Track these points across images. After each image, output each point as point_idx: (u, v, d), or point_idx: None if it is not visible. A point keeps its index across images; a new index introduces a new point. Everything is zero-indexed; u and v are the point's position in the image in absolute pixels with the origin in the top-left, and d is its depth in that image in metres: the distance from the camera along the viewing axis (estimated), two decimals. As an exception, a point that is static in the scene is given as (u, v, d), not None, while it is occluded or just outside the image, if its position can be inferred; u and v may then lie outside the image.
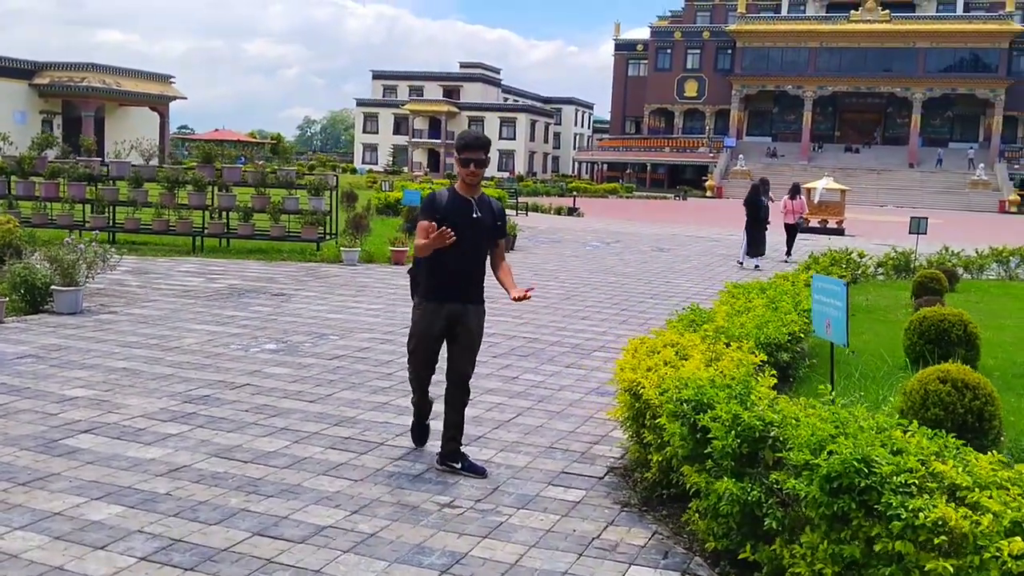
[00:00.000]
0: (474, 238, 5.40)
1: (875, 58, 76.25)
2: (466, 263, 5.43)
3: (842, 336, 4.78)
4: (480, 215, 5.44)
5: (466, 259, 5.41)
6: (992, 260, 18.14)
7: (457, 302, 5.46)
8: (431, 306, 5.48)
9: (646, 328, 10.75)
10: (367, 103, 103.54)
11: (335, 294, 12.50)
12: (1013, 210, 62.12)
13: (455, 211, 5.37)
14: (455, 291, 5.46)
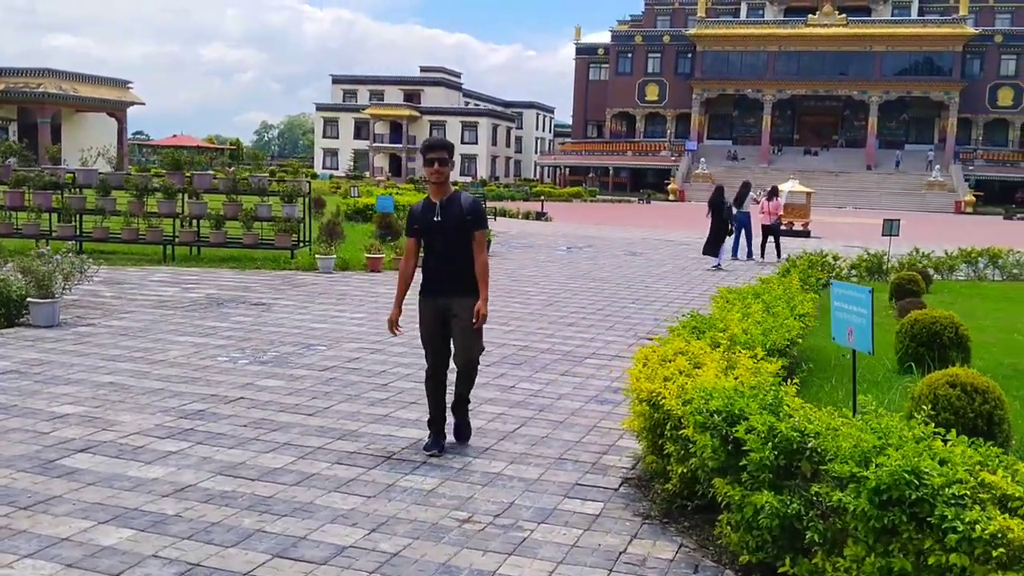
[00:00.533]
0: (443, 239, 5.86)
1: (832, 62, 77.30)
2: (444, 261, 5.89)
3: (867, 343, 4.75)
4: (441, 218, 5.85)
5: (442, 258, 5.89)
6: (961, 261, 18.39)
7: (444, 296, 5.96)
8: (424, 301, 6.13)
9: (634, 334, 10.74)
10: (327, 108, 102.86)
11: (315, 303, 12.32)
12: (969, 210, 63.28)
13: (423, 218, 5.94)
14: (441, 287, 5.96)
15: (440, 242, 5.87)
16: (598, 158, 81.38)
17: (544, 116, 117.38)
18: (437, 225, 5.85)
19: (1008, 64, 76.73)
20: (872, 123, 76.57)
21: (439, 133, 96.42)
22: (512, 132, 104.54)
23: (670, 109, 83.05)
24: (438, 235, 5.86)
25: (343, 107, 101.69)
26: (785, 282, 10.35)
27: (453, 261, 5.89)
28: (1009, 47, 76.44)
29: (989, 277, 18.54)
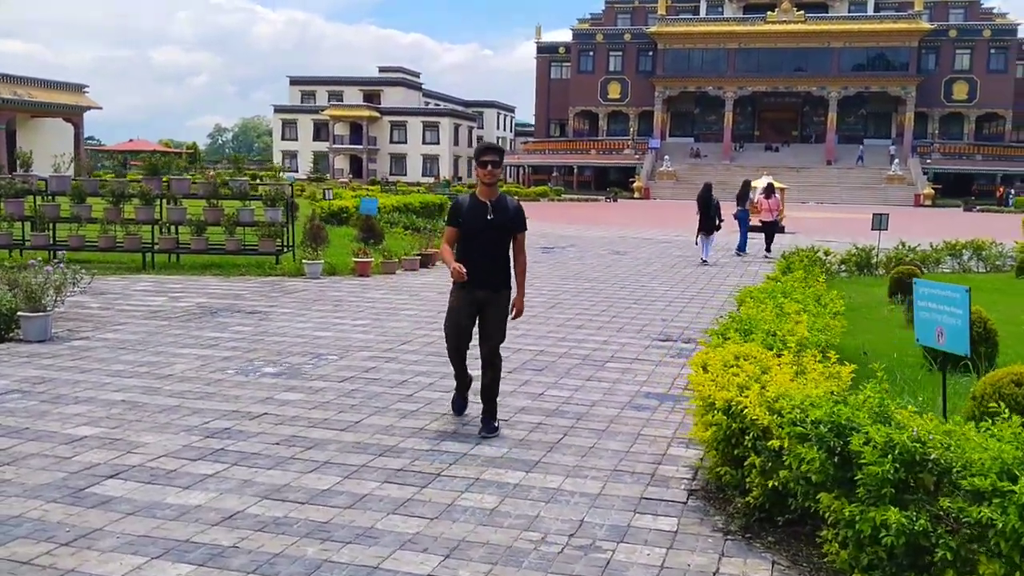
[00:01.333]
0: (490, 236, 6.30)
1: (792, 58, 77.94)
2: (487, 257, 6.29)
3: (963, 344, 4.56)
4: (493, 216, 6.30)
5: (486, 253, 6.29)
6: (947, 254, 18.44)
7: (482, 289, 6.34)
8: (461, 292, 6.41)
9: (646, 335, 10.53)
10: (285, 109, 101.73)
11: (312, 310, 11.94)
12: (928, 203, 64.17)
13: (473, 214, 6.32)
14: (480, 280, 6.29)
15: (486, 239, 6.29)
16: (562, 157, 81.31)
17: (505, 115, 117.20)
18: (489, 224, 6.28)
19: (962, 59, 77.95)
20: (831, 118, 77.34)
21: (400, 133, 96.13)
22: (474, 132, 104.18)
23: (633, 107, 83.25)
24: (486, 233, 6.28)
25: (302, 108, 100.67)
26: (809, 279, 10.17)
27: (495, 258, 6.33)
28: (963, 42, 77.68)
29: (974, 269, 18.61)
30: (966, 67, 77.72)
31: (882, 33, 76.04)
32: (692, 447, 6.15)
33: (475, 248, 6.29)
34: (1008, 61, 77.36)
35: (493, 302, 6.39)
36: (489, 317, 6.43)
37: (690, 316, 12.13)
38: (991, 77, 77.11)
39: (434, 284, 14.95)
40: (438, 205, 32.73)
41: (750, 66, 78.64)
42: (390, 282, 15.19)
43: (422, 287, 14.56)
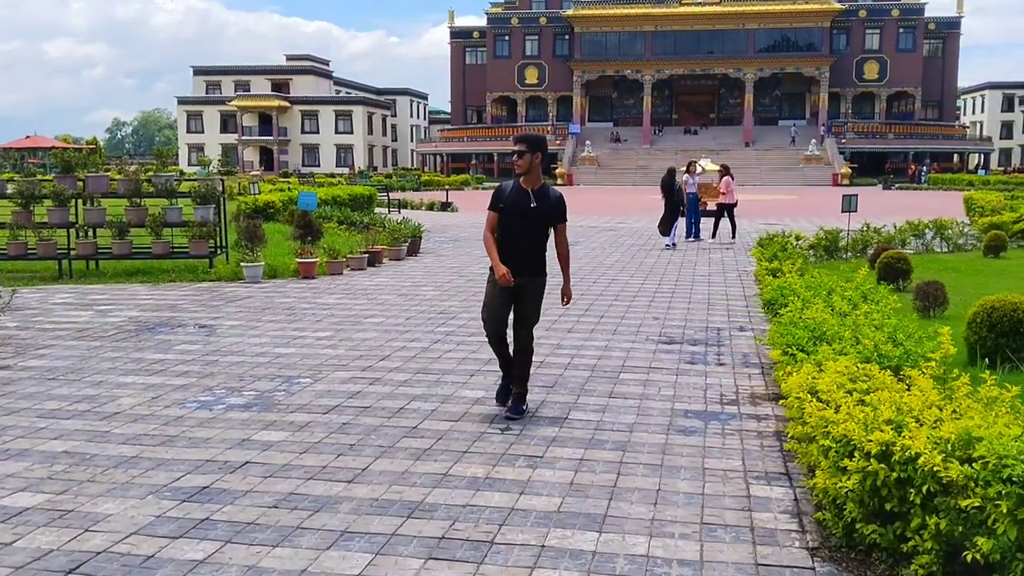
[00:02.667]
0: (530, 224, 6.39)
1: (708, 40, 78.29)
2: (525, 244, 6.40)
3: None
4: (536, 204, 6.40)
5: (524, 241, 6.40)
6: (911, 234, 17.99)
7: (520, 275, 6.37)
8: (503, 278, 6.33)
9: (645, 337, 9.56)
10: (190, 101, 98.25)
11: (264, 321, 10.62)
12: (846, 182, 64.97)
13: (515, 201, 6.41)
14: (519, 265, 6.37)
15: (526, 227, 6.38)
16: (480, 144, 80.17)
17: (418, 103, 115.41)
18: (532, 211, 6.37)
19: (872, 38, 79.44)
20: (748, 100, 77.96)
21: (312, 123, 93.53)
22: (388, 120, 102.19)
23: (551, 92, 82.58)
24: (527, 220, 6.37)
25: (207, 100, 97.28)
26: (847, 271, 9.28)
27: (533, 244, 6.41)
28: (873, 22, 79.13)
29: (936, 249, 18.22)
30: (876, 47, 79.25)
31: (795, 14, 76.87)
32: (775, 483, 5.17)
33: (515, 234, 6.37)
34: (916, 40, 79.14)
35: (530, 287, 6.47)
36: (527, 301, 6.52)
37: (681, 313, 11.19)
38: (900, 56, 78.78)
39: (389, 286, 13.71)
40: (367, 197, 31.31)
41: (667, 49, 78.68)
42: (340, 284, 13.90)
43: (378, 290, 13.32)
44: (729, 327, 10.17)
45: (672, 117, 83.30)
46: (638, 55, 79.01)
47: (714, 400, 7.07)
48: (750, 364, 8.33)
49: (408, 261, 17.22)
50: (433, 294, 12.78)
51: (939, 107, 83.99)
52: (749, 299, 12.33)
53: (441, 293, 12.88)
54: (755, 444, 5.92)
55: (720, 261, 17.08)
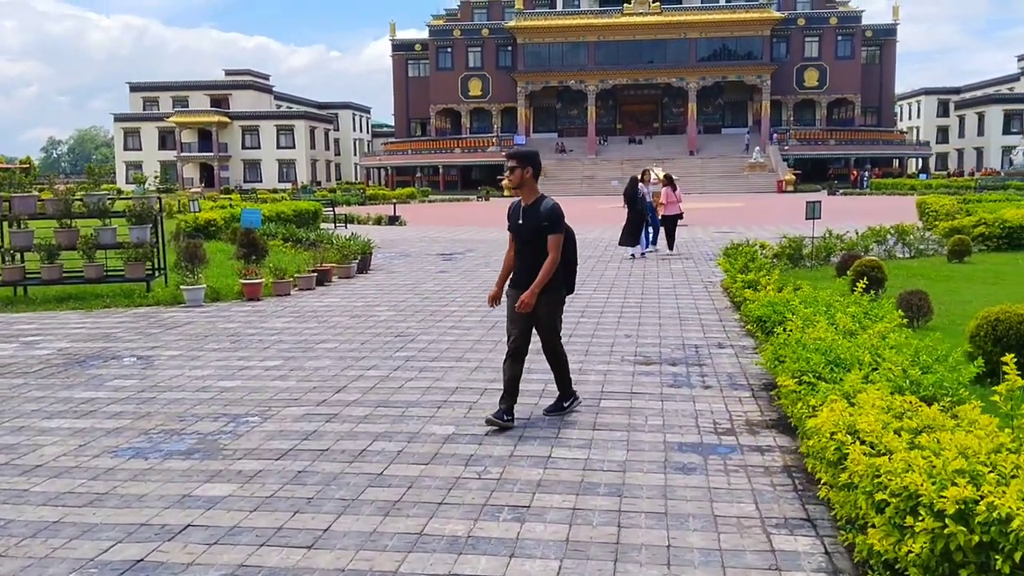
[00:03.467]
0: (524, 240, 6.53)
1: (650, 50, 78.52)
2: (523, 260, 6.57)
3: None
4: (523, 221, 6.52)
5: (522, 257, 6.58)
6: (873, 240, 17.68)
7: (522, 289, 6.50)
8: (508, 291, 6.71)
9: (619, 357, 8.94)
10: (126, 118, 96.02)
11: (207, 350, 9.77)
12: (790, 189, 65.45)
13: (510, 217, 6.67)
14: (520, 280, 6.57)
15: (521, 241, 6.55)
16: (425, 157, 79.34)
17: (361, 116, 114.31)
18: (521, 227, 6.52)
19: (812, 46, 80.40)
20: (692, 109, 78.29)
21: (253, 138, 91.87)
22: (330, 135, 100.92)
23: (495, 103, 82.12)
24: (521, 236, 6.54)
25: (144, 116, 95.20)
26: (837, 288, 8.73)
27: (529, 259, 6.50)
28: (812, 30, 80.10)
29: (898, 255, 17.93)
30: (816, 55, 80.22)
31: (736, 23, 77.45)
32: (798, 533, 4.54)
33: (518, 251, 6.60)
34: (854, 47, 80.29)
35: (536, 306, 6.47)
36: (537, 320, 6.61)
37: (653, 329, 10.58)
38: (839, 63, 79.84)
39: (341, 306, 12.92)
40: (312, 213, 30.37)
41: (610, 59, 78.73)
42: (288, 306, 13.07)
43: (328, 311, 12.51)
44: (707, 344, 9.59)
45: (617, 127, 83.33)
46: (581, 65, 78.91)
47: (708, 429, 6.45)
48: (738, 386, 7.73)
49: (359, 279, 16.43)
50: (388, 315, 12.02)
51: (878, 113, 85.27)
52: (721, 312, 11.79)
53: (396, 313, 12.13)
54: (765, 483, 5.30)
55: (683, 272, 16.57)
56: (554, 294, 6.56)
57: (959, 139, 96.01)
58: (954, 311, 10.92)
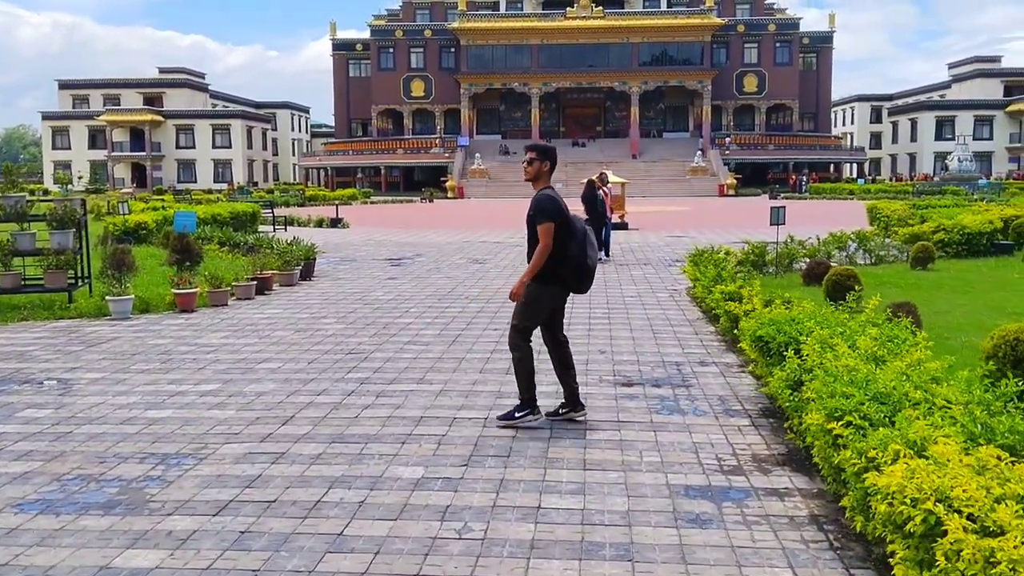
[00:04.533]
0: (529, 231, 6.49)
1: (593, 54, 78.25)
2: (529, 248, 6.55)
3: None
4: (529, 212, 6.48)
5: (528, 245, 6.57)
6: (834, 247, 17.21)
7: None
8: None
9: (596, 377, 8.17)
10: (54, 116, 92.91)
11: (133, 372, 8.72)
12: (731, 193, 65.71)
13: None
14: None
15: (529, 233, 6.51)
16: (367, 158, 77.98)
17: (299, 116, 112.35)
18: (527, 218, 6.48)
19: (751, 52, 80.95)
20: (634, 113, 78.23)
21: (187, 137, 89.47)
22: (268, 134, 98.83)
23: (438, 105, 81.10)
24: (529, 227, 6.49)
25: (74, 114, 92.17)
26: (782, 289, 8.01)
27: (530, 249, 6.50)
28: (751, 36, 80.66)
29: (859, 261, 17.48)
30: (755, 60, 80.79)
31: (677, 28, 77.58)
32: (854, 609, 3.78)
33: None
34: (792, 54, 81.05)
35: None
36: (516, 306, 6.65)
37: (627, 344, 9.81)
38: (778, 70, 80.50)
39: (284, 318, 11.92)
40: (250, 215, 29.14)
41: (553, 62, 78.27)
42: (225, 318, 12.02)
43: (270, 324, 11.50)
44: (688, 361, 8.85)
45: (560, 130, 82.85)
46: (525, 68, 78.31)
47: (713, 467, 5.67)
48: (733, 411, 6.98)
49: (302, 286, 15.41)
50: (337, 328, 11.06)
51: (814, 119, 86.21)
52: (695, 324, 11.08)
53: (346, 327, 11.18)
54: (794, 539, 4.53)
55: (644, 279, 15.88)
56: (535, 285, 6.36)
57: (892, 145, 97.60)
58: (937, 323, 10.33)
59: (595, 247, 6.59)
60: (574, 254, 6.32)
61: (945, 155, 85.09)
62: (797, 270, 16.13)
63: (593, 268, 6.48)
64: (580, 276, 6.42)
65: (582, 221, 6.58)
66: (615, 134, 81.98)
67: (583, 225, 6.52)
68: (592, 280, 6.59)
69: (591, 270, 6.47)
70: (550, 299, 6.50)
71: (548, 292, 6.44)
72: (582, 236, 6.41)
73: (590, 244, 6.46)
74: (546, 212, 6.26)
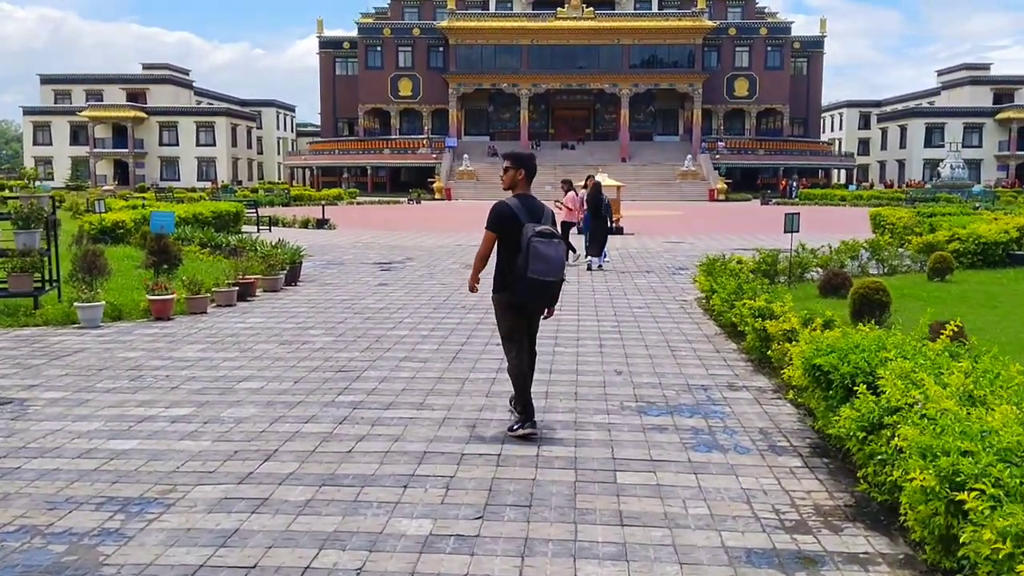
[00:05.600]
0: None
1: (583, 55, 77.45)
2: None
3: None
4: None
5: None
6: (848, 256, 16.42)
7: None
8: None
9: (616, 403, 7.29)
10: (36, 111, 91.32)
11: (98, 391, 7.80)
12: (722, 197, 64.97)
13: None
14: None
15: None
16: (353, 157, 76.87)
17: (285, 115, 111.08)
18: None
19: (742, 56, 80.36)
20: (624, 115, 77.44)
21: (171, 135, 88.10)
22: (253, 132, 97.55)
23: (426, 104, 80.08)
24: None
25: (56, 110, 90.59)
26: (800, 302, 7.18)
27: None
28: (742, 39, 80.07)
29: (872, 271, 16.70)
30: (746, 64, 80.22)
31: (668, 30, 76.87)
32: None
33: None
34: (783, 58, 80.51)
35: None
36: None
37: (644, 363, 8.95)
38: (769, 74, 79.94)
39: (267, 329, 11.00)
40: (233, 215, 28.15)
41: (543, 63, 77.40)
42: (203, 328, 11.09)
43: (252, 335, 10.58)
44: (715, 384, 8.00)
45: (549, 132, 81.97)
46: (514, 69, 77.41)
47: (772, 523, 4.82)
48: (779, 448, 6.14)
49: (287, 292, 14.49)
50: (325, 341, 10.16)
51: (804, 124, 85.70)
52: (713, 340, 10.24)
53: (335, 339, 10.27)
54: (896, 627, 3.68)
55: (650, 288, 15.05)
56: (495, 294, 6.40)
57: (881, 151, 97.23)
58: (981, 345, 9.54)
59: (547, 260, 6.02)
60: (518, 266, 6.06)
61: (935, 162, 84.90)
62: (809, 280, 15.38)
63: (542, 282, 6.05)
64: (523, 290, 6.09)
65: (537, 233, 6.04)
66: (605, 137, 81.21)
67: (533, 239, 6.01)
68: (546, 295, 6.20)
69: (538, 284, 6.04)
70: (507, 308, 6.31)
71: (501, 301, 6.32)
72: (526, 250, 6.01)
73: (537, 258, 6.00)
74: (488, 221, 6.29)
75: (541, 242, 6.02)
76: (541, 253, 6.00)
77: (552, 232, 6.13)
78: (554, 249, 6.08)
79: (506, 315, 6.36)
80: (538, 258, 5.99)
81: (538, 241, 6.01)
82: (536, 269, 5.99)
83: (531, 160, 6.45)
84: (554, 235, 6.14)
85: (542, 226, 6.12)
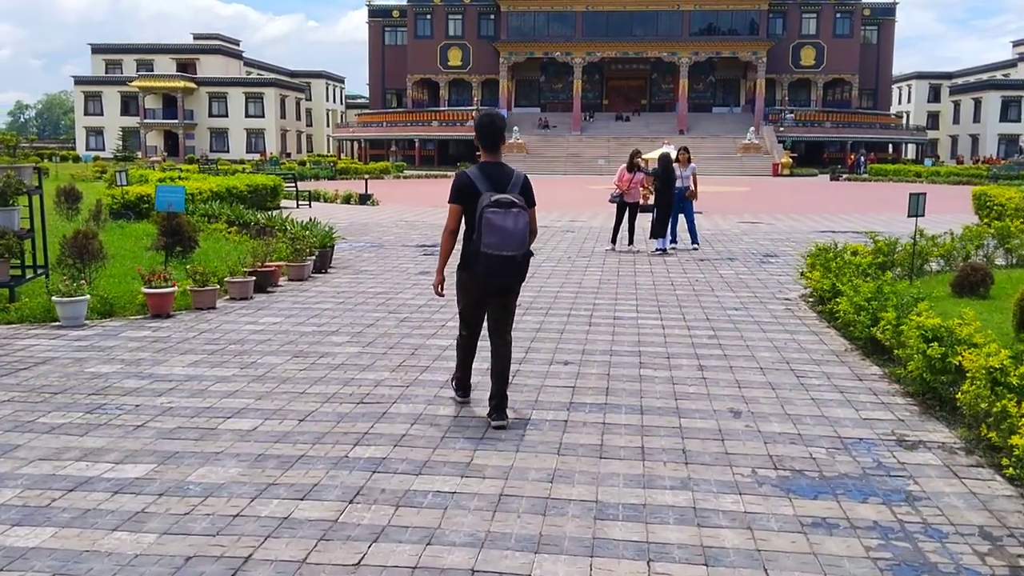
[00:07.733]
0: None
1: (641, 22, 74.55)
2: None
3: None
4: None
5: None
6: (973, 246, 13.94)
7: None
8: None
9: (749, 473, 5.09)
10: (87, 81, 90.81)
11: (38, 430, 5.78)
12: (786, 172, 61.93)
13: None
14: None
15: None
16: (401, 129, 75.02)
17: (334, 86, 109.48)
18: None
19: (809, 23, 76.72)
20: (683, 85, 74.46)
21: (220, 106, 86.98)
22: (302, 104, 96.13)
23: (476, 75, 77.79)
24: None
25: (107, 80, 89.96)
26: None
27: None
28: (809, 6, 76.42)
29: (999, 262, 14.23)
30: (813, 32, 76.60)
31: (732, -4, 73.50)
32: None
33: None
34: (853, 26, 76.72)
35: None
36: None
37: (767, 398, 6.71)
38: (837, 42, 76.25)
39: (280, 333, 8.95)
40: (271, 189, 26.29)
41: (598, 31, 74.59)
42: (205, 330, 9.08)
43: (260, 341, 8.54)
44: (880, 440, 5.73)
45: (603, 103, 79.26)
46: (568, 37, 74.68)
47: None
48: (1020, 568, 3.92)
49: (315, 281, 12.48)
50: (348, 353, 8.07)
51: (874, 96, 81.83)
52: (844, 358, 7.95)
53: (361, 350, 8.19)
54: None
55: (738, 279, 12.77)
56: (457, 271, 5.98)
57: (953, 125, 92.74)
58: None
59: (501, 232, 5.45)
60: (472, 240, 5.64)
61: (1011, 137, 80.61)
62: (929, 272, 13.04)
63: (498, 257, 5.49)
64: (477, 267, 5.61)
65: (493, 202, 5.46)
66: (661, 108, 78.27)
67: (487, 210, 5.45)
68: (505, 273, 5.62)
69: (493, 259, 5.51)
70: (465, 286, 5.92)
71: (461, 278, 5.93)
72: (478, 221, 5.51)
73: (491, 230, 5.46)
74: (450, 192, 5.78)
75: (496, 213, 5.48)
76: (494, 224, 5.47)
77: (512, 201, 5.49)
78: (511, 220, 5.47)
79: (463, 295, 5.98)
80: (491, 230, 5.48)
81: (492, 212, 5.48)
82: (488, 243, 5.50)
83: (488, 124, 5.77)
84: (514, 204, 5.49)
85: (500, 195, 5.50)
